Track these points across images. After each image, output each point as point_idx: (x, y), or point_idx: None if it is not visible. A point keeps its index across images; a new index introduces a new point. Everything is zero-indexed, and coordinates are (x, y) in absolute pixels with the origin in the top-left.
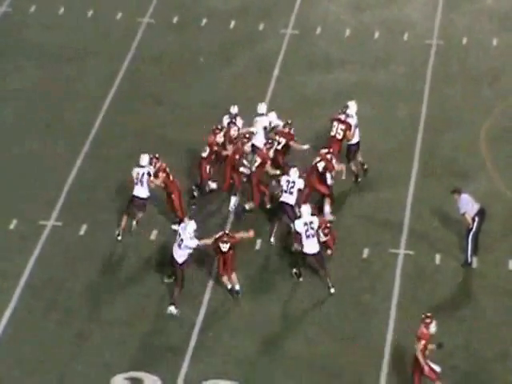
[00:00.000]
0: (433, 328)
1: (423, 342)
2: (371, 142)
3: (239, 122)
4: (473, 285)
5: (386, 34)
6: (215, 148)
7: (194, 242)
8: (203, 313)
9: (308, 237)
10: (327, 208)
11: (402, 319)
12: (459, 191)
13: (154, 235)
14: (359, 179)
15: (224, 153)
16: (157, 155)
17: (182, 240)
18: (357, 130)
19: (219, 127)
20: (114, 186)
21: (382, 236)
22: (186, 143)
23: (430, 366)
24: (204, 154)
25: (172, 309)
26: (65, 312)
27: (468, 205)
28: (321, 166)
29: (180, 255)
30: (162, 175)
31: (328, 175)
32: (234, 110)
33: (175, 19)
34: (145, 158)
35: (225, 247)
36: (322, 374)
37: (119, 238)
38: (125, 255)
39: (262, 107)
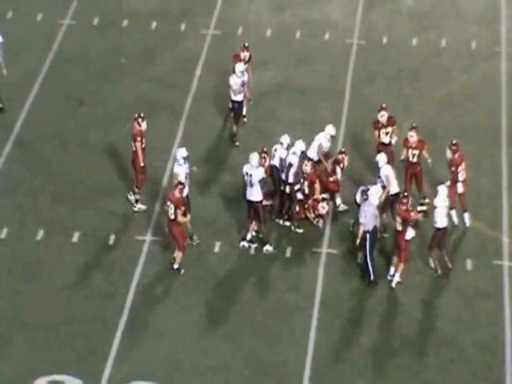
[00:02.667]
0: None
1: None
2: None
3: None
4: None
5: (307, 34)
6: None
7: (261, 172)
8: (126, 314)
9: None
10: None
11: (325, 318)
12: (367, 193)
13: (76, 237)
14: None
15: None
16: (142, 115)
17: (251, 176)
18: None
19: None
20: (35, 190)
21: (304, 235)
22: (108, 144)
23: None
24: None
25: (268, 247)
26: None
27: (367, 216)
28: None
29: (253, 194)
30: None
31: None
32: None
33: (96, 21)
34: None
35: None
36: (246, 373)
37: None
38: (46, 259)
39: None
